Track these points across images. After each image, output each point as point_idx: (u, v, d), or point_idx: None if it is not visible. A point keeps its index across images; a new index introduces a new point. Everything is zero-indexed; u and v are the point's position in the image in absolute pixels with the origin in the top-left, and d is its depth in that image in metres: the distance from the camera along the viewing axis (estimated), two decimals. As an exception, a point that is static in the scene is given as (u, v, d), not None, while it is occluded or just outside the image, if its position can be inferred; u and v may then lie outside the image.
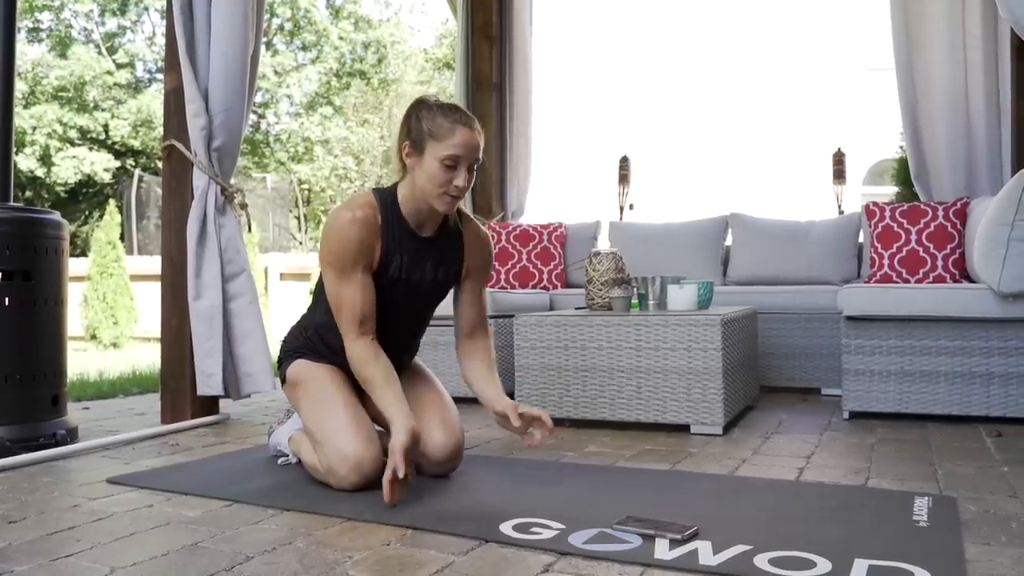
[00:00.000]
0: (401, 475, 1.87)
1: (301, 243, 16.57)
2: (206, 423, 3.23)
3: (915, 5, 4.07)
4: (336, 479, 2.06)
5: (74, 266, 8.24)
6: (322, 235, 2.13)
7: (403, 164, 2.11)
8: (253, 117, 17.76)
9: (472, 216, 2.36)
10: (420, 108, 2.08)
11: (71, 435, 2.80)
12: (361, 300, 2.07)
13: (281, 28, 19.26)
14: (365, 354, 2.07)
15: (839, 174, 6.18)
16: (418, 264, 2.19)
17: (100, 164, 16.79)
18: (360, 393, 2.23)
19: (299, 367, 2.28)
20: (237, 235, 3.35)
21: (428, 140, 2.03)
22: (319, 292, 2.26)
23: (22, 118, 16.02)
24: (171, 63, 3.29)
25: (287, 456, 2.43)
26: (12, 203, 2.84)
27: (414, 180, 2.09)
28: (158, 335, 3.40)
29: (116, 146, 17.48)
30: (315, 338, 2.29)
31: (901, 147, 5.24)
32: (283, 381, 2.34)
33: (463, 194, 2.08)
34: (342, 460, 2.04)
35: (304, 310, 2.43)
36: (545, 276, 4.80)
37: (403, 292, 2.20)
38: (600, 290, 3.33)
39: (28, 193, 17.03)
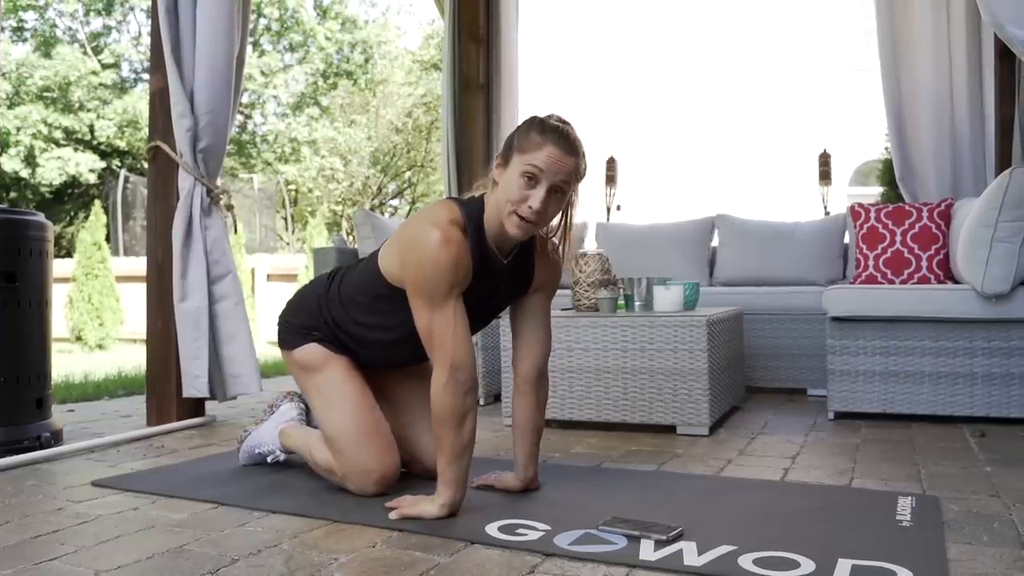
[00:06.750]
0: (400, 517, 1.84)
1: (288, 244, 16.52)
2: (192, 425, 3.22)
3: (900, 7, 4.10)
4: (355, 486, 2.04)
5: (59, 267, 8.19)
6: (405, 253, 1.91)
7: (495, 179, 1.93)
8: (239, 118, 17.70)
9: (549, 238, 2.09)
10: (524, 124, 1.92)
11: (56, 437, 2.79)
12: (453, 335, 1.84)
13: (268, 28, 19.21)
14: (452, 415, 1.83)
15: (825, 175, 6.21)
16: (488, 292, 2.00)
17: (85, 165, 16.68)
18: (374, 382, 2.17)
19: (314, 354, 2.13)
20: (223, 236, 3.35)
21: (515, 152, 1.87)
22: (340, 276, 2.13)
23: (6, 119, 15.91)
24: (156, 64, 3.28)
25: (275, 453, 2.35)
26: (-4, 204, 2.83)
27: (496, 195, 1.91)
28: (144, 336, 3.38)
29: (102, 147, 17.37)
30: (326, 327, 2.13)
31: (886, 148, 5.27)
32: (283, 346, 2.20)
33: (539, 220, 1.86)
34: (366, 473, 2.02)
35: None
36: (532, 277, 4.79)
37: None
38: (587, 291, 3.33)
39: (12, 194, 16.90)
